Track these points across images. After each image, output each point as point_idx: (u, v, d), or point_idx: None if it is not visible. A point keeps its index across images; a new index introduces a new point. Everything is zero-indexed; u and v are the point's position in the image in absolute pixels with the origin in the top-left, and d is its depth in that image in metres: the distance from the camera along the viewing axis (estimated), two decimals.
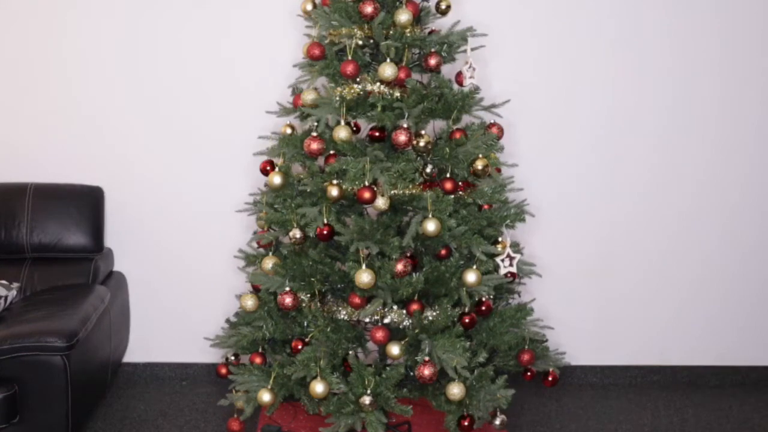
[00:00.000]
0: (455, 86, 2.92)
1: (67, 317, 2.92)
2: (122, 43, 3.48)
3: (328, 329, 2.79)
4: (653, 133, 3.59)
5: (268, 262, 2.88)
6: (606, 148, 3.59)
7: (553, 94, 3.54)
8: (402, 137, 2.68)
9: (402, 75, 2.76)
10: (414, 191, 2.78)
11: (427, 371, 2.66)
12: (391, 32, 2.78)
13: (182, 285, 3.66)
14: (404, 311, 2.80)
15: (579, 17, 3.48)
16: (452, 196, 2.77)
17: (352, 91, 2.81)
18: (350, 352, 2.83)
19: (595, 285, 3.71)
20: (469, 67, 2.91)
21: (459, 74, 2.94)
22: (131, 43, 3.48)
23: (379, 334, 2.73)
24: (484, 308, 2.85)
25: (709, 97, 3.57)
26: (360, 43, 2.83)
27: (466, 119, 2.96)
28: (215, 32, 3.48)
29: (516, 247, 3.04)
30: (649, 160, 3.61)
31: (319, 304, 2.88)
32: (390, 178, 2.70)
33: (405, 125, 2.70)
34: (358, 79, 2.80)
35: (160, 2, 3.45)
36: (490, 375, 2.82)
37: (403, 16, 2.71)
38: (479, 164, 2.77)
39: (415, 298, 2.76)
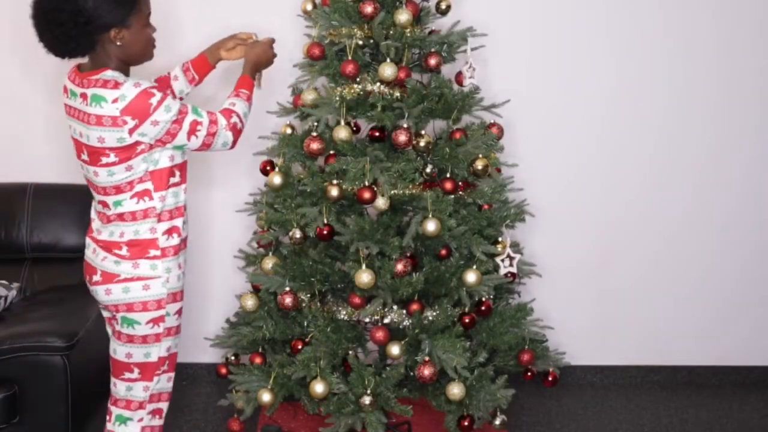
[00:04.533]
0: (455, 86, 2.92)
1: (67, 317, 2.92)
2: None
3: (328, 329, 2.79)
4: (653, 132, 3.59)
5: (268, 262, 2.88)
6: (606, 147, 3.59)
7: (554, 93, 3.53)
8: (402, 137, 2.68)
9: (402, 75, 2.76)
10: (414, 191, 2.78)
11: (427, 371, 2.66)
12: (391, 32, 2.78)
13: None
14: (404, 311, 2.80)
15: (579, 17, 3.48)
16: (452, 196, 2.77)
17: (352, 91, 2.81)
18: (350, 352, 2.83)
19: (595, 285, 3.71)
20: (469, 67, 2.91)
21: (459, 74, 2.94)
22: None
23: (379, 334, 2.73)
24: (484, 308, 2.85)
25: (707, 97, 3.57)
26: (360, 43, 2.83)
27: (466, 119, 2.96)
28: (216, 32, 3.47)
29: (516, 247, 3.04)
30: (649, 159, 3.61)
31: (319, 304, 2.88)
32: (390, 178, 2.70)
33: (405, 125, 2.70)
34: (358, 79, 2.80)
35: (160, 2, 3.44)
36: (490, 375, 2.82)
37: (403, 16, 2.71)
38: (479, 164, 2.77)
39: (415, 298, 2.76)
